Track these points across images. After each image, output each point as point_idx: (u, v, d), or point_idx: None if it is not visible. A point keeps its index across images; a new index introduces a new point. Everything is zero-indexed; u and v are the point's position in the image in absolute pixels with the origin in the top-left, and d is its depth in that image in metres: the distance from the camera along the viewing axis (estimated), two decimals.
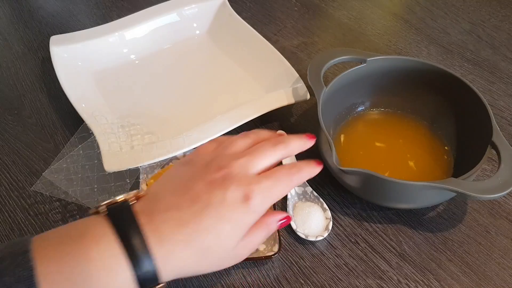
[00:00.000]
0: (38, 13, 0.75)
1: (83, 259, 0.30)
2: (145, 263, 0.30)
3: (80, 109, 0.54)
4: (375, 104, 0.57)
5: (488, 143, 0.45)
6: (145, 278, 0.31)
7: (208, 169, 0.35)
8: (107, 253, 0.30)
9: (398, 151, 0.53)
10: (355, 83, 0.53)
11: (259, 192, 0.34)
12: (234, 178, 0.34)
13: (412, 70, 0.53)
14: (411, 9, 0.77)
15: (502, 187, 0.41)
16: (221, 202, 0.33)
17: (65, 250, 0.30)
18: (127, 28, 0.65)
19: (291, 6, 0.77)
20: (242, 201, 0.33)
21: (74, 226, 0.32)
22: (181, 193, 0.34)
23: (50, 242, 0.31)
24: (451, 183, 0.41)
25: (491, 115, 0.46)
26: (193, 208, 0.33)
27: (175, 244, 0.32)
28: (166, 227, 0.32)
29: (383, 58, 0.53)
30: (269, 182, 0.34)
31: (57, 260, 0.29)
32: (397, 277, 0.44)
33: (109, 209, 0.32)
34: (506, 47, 0.70)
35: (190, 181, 0.34)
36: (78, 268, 0.29)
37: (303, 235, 0.46)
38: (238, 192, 0.33)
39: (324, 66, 0.51)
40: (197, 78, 0.64)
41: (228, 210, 0.33)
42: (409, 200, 0.46)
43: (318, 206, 0.48)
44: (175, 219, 0.32)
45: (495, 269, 0.45)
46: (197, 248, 0.32)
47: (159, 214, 0.32)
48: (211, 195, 0.33)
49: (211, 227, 0.32)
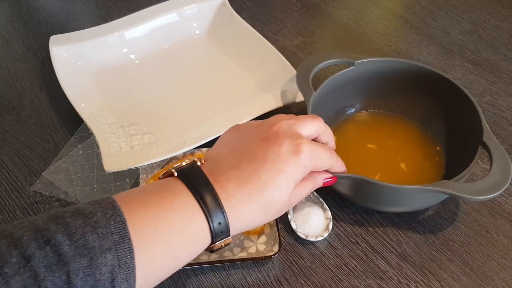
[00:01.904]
0: (38, 13, 0.75)
1: (168, 209, 0.33)
2: (218, 217, 0.34)
3: (79, 109, 0.54)
4: (366, 106, 0.56)
5: (479, 144, 0.45)
6: (218, 230, 0.34)
7: (259, 129, 0.38)
8: (188, 205, 0.33)
9: (389, 153, 0.53)
10: (344, 86, 0.53)
11: (307, 149, 0.37)
12: (286, 134, 0.37)
13: (401, 72, 0.53)
14: (411, 9, 0.77)
15: (495, 187, 0.41)
16: (276, 157, 0.36)
17: (150, 202, 0.33)
18: (127, 28, 0.65)
19: (291, 5, 0.77)
20: (294, 154, 0.36)
21: (153, 184, 0.35)
22: (238, 153, 0.37)
23: (133, 197, 0.33)
24: (444, 186, 0.41)
25: (481, 115, 0.46)
26: (252, 165, 0.36)
27: (240, 200, 0.35)
28: (231, 185, 0.35)
29: (371, 60, 0.52)
30: (316, 145, 0.38)
31: (145, 211, 0.32)
32: (397, 277, 0.44)
33: (180, 171, 0.35)
34: (507, 47, 0.70)
35: (244, 142, 0.38)
36: (165, 216, 0.32)
37: (303, 235, 0.46)
38: (290, 146, 0.36)
39: (313, 70, 0.51)
40: (197, 78, 0.63)
41: (284, 164, 0.36)
42: (402, 204, 0.46)
43: (318, 206, 0.48)
44: (237, 177, 0.35)
45: (496, 269, 0.45)
46: (260, 202, 0.35)
47: (222, 174, 0.35)
48: (267, 151, 0.36)
49: (270, 182, 0.35)
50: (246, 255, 0.44)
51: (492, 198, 0.41)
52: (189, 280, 0.44)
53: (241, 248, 0.45)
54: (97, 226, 0.29)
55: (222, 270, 0.45)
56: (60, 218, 0.30)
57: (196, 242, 0.34)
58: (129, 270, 0.30)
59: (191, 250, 0.34)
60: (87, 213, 0.30)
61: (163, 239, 0.32)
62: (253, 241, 0.46)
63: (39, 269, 0.27)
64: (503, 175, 0.42)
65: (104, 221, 0.30)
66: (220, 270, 0.45)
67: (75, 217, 0.30)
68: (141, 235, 0.31)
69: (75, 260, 0.28)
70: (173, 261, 0.33)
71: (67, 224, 0.29)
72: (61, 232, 0.29)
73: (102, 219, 0.30)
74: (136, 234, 0.30)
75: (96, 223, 0.29)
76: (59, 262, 0.28)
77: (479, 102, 0.61)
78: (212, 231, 0.34)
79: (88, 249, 0.28)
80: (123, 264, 0.29)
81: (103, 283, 0.29)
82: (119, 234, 0.30)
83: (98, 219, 0.30)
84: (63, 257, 0.28)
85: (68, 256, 0.28)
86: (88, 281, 0.28)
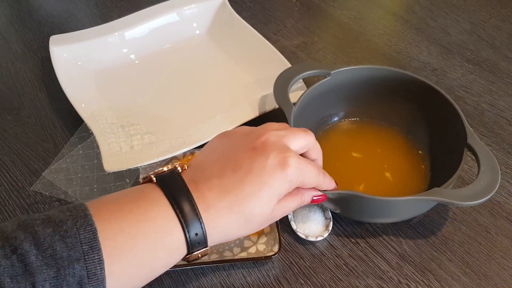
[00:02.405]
0: (38, 13, 0.75)
1: (143, 219, 0.32)
2: (195, 227, 0.33)
3: (79, 109, 0.54)
4: (349, 114, 0.56)
5: (464, 146, 0.45)
6: (194, 240, 0.33)
7: (247, 138, 0.37)
8: (164, 215, 0.32)
9: (374, 161, 0.52)
10: (324, 96, 0.52)
11: (294, 163, 0.36)
12: (274, 146, 0.36)
13: (381, 79, 0.52)
14: (412, 9, 0.77)
15: (486, 191, 0.41)
16: (262, 169, 0.35)
17: (123, 211, 0.32)
18: (127, 28, 0.65)
19: (291, 5, 0.77)
20: (280, 167, 0.35)
21: (129, 191, 0.34)
22: (223, 162, 0.36)
23: (107, 205, 0.32)
24: (436, 194, 0.40)
25: (462, 118, 0.46)
26: (235, 175, 0.34)
27: (220, 211, 0.34)
28: (211, 194, 0.34)
29: (347, 69, 0.52)
30: (303, 161, 0.37)
31: (117, 221, 0.31)
32: (398, 277, 0.44)
33: (159, 177, 0.34)
34: (507, 47, 0.70)
35: (231, 150, 0.37)
36: (138, 226, 0.31)
37: (303, 235, 0.46)
38: (277, 158, 0.35)
39: (289, 84, 0.50)
40: (197, 78, 0.63)
41: (268, 176, 0.35)
42: (394, 215, 0.45)
43: (317, 206, 0.48)
44: (219, 186, 0.34)
45: (496, 269, 0.45)
46: (241, 213, 0.34)
47: (204, 182, 0.34)
48: (252, 162, 0.35)
49: (252, 194, 0.34)
50: (246, 255, 0.44)
51: (486, 201, 0.41)
52: (189, 280, 0.44)
53: (241, 248, 0.45)
54: (67, 235, 0.28)
55: (222, 270, 0.45)
56: (29, 226, 0.29)
57: (171, 253, 0.33)
58: (99, 281, 0.29)
59: (166, 261, 0.33)
60: (57, 221, 0.29)
61: (136, 250, 0.31)
62: (253, 241, 0.46)
63: (3, 279, 0.26)
64: (492, 177, 0.41)
65: (74, 230, 0.29)
66: (220, 270, 0.45)
67: (44, 225, 0.29)
68: (112, 246, 0.30)
69: (42, 271, 0.27)
70: (147, 273, 0.32)
71: (36, 232, 0.28)
72: (29, 241, 0.28)
73: (72, 228, 0.29)
74: (107, 244, 0.29)
75: (66, 232, 0.29)
76: (24, 272, 0.27)
77: (479, 102, 0.61)
78: (188, 242, 0.33)
79: (55, 259, 0.28)
80: (92, 275, 0.28)
81: None
82: (88, 244, 0.29)
83: (68, 228, 0.29)
84: (29, 267, 0.27)
85: (35, 266, 0.27)
86: None
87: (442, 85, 0.64)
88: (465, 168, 0.53)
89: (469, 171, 0.53)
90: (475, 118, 0.59)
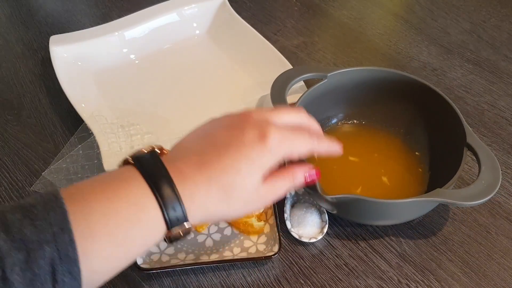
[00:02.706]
0: (38, 13, 0.75)
1: (114, 198, 0.31)
2: (172, 201, 0.32)
3: (79, 109, 0.54)
4: (347, 116, 0.56)
5: (464, 146, 0.45)
6: (173, 216, 0.32)
7: (229, 119, 0.37)
8: (137, 192, 0.31)
9: (372, 162, 0.52)
10: (320, 98, 0.52)
11: (276, 134, 0.34)
12: (253, 121, 0.35)
13: (378, 80, 0.52)
14: (412, 9, 0.77)
15: (488, 190, 0.41)
16: (240, 142, 0.34)
17: (95, 192, 0.31)
18: (127, 28, 0.65)
19: (291, 5, 0.77)
20: (259, 140, 0.34)
21: (104, 174, 0.34)
22: (202, 141, 0.35)
23: (79, 188, 0.32)
24: (438, 195, 0.40)
25: (461, 117, 0.46)
26: (214, 150, 0.34)
27: (198, 183, 0.33)
28: (189, 169, 0.33)
29: (344, 72, 0.52)
30: (288, 131, 0.35)
31: (89, 201, 0.30)
32: (398, 277, 0.44)
33: (136, 158, 0.34)
34: (507, 47, 0.70)
35: (211, 129, 0.36)
36: (110, 206, 0.31)
37: (297, 235, 0.46)
38: (255, 131, 0.34)
39: (286, 87, 0.50)
40: (196, 78, 0.63)
41: (246, 149, 0.34)
42: (394, 217, 0.45)
43: (315, 208, 0.48)
44: (196, 161, 0.34)
45: (496, 269, 0.45)
46: (219, 185, 0.33)
47: (181, 159, 0.34)
48: (231, 137, 0.34)
49: (230, 165, 0.33)
50: (246, 255, 0.44)
51: (487, 201, 0.41)
52: (189, 280, 0.44)
53: (241, 248, 0.45)
54: (36, 218, 0.28)
55: (222, 270, 0.45)
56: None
57: (148, 230, 0.32)
58: (72, 262, 0.28)
59: (143, 240, 0.32)
60: (27, 206, 0.29)
61: (109, 230, 0.30)
62: (253, 241, 0.46)
63: None
64: (493, 176, 0.42)
65: (44, 213, 0.28)
66: (220, 270, 0.45)
67: (14, 211, 0.29)
68: (84, 226, 0.29)
69: (11, 254, 0.27)
70: (124, 252, 0.31)
71: (5, 218, 0.28)
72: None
73: (42, 212, 0.28)
74: (79, 225, 0.29)
75: (36, 216, 0.28)
76: None
77: (479, 102, 0.61)
78: (166, 218, 0.32)
79: (25, 243, 0.27)
80: (64, 257, 0.28)
81: (43, 277, 0.27)
82: (59, 225, 0.28)
83: (38, 212, 0.28)
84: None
85: (3, 250, 0.27)
86: (26, 276, 0.27)
87: (442, 85, 0.64)
88: (465, 168, 0.53)
89: (469, 171, 0.53)
90: (475, 118, 0.59)
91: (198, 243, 0.46)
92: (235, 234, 0.47)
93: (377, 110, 0.55)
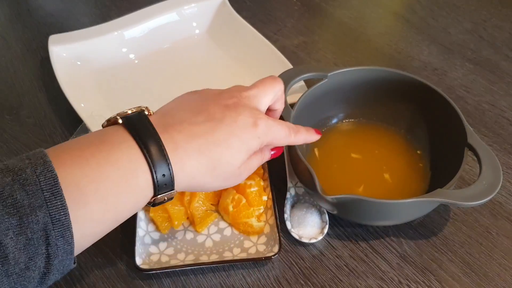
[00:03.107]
0: (37, 13, 0.75)
1: (105, 162, 0.31)
2: (162, 167, 0.32)
3: (79, 109, 0.54)
4: (348, 115, 0.55)
5: (465, 146, 0.44)
6: (162, 182, 0.33)
7: (220, 96, 0.38)
8: (128, 157, 0.32)
9: (373, 162, 0.52)
10: (321, 98, 0.52)
11: (264, 124, 0.38)
12: (245, 107, 0.38)
13: (379, 80, 0.52)
14: (412, 9, 0.77)
15: (489, 190, 0.40)
16: (233, 122, 0.36)
17: (85, 156, 0.31)
18: (126, 27, 0.65)
19: (291, 5, 0.77)
20: (251, 126, 0.37)
21: (92, 134, 0.34)
22: (195, 111, 0.36)
23: (67, 151, 0.32)
24: (439, 195, 0.40)
25: (462, 117, 0.46)
26: (207, 124, 0.35)
27: (189, 152, 0.34)
28: (180, 137, 0.34)
29: (344, 71, 0.51)
30: (273, 122, 0.39)
31: (79, 165, 0.30)
32: (398, 278, 0.44)
33: (125, 118, 0.34)
34: (508, 46, 0.69)
35: (203, 103, 0.37)
36: (101, 170, 0.31)
37: (297, 236, 0.45)
38: (249, 118, 0.37)
39: (286, 88, 0.50)
40: (196, 77, 0.63)
41: (239, 129, 0.36)
42: (395, 217, 0.45)
43: (315, 208, 0.48)
44: (189, 130, 0.34)
45: (496, 269, 0.45)
46: (209, 157, 0.35)
47: (174, 125, 0.34)
48: (225, 115, 0.36)
49: (223, 140, 0.35)
50: (246, 256, 0.44)
51: (488, 201, 0.41)
52: (189, 280, 0.44)
53: (241, 249, 0.45)
54: (26, 183, 0.28)
55: (222, 271, 0.44)
56: None
57: (137, 195, 0.33)
58: (64, 226, 0.29)
59: (132, 204, 0.33)
60: (16, 169, 0.29)
61: (100, 194, 0.31)
62: (253, 242, 0.46)
63: None
64: (494, 176, 0.41)
65: (34, 178, 0.28)
66: (220, 271, 0.44)
67: (3, 174, 0.29)
68: (75, 191, 0.30)
69: (3, 220, 0.27)
70: (114, 215, 0.32)
71: None
72: None
73: (32, 176, 0.28)
74: (69, 190, 0.29)
75: (26, 180, 0.28)
76: None
77: (480, 102, 0.61)
78: (155, 183, 0.32)
79: (17, 208, 0.27)
80: (56, 221, 0.28)
81: (37, 241, 0.28)
82: (50, 191, 0.28)
83: (28, 176, 0.28)
84: None
85: None
86: (20, 240, 0.27)
87: (442, 85, 0.63)
88: (466, 168, 0.53)
89: (469, 171, 0.53)
90: (476, 118, 0.59)
91: (198, 244, 0.46)
92: (235, 235, 0.46)
93: (378, 110, 0.54)
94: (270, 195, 0.48)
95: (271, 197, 0.47)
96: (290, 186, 0.49)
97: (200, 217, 0.47)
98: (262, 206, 0.47)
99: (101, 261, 0.45)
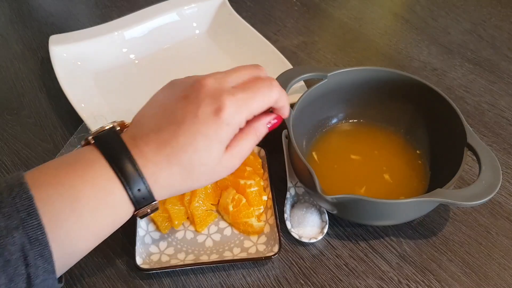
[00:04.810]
0: (37, 13, 0.75)
1: (80, 182, 0.31)
2: (136, 183, 0.32)
3: (79, 109, 0.54)
4: (348, 116, 0.55)
5: (464, 146, 0.44)
6: (139, 196, 0.33)
7: (185, 87, 0.36)
8: (101, 176, 0.32)
9: (373, 161, 0.52)
10: (321, 98, 0.52)
11: (231, 104, 0.34)
12: (207, 92, 0.34)
13: (378, 80, 0.52)
14: (412, 9, 0.77)
15: (488, 190, 0.40)
16: (194, 117, 0.33)
17: (60, 176, 0.31)
18: (127, 27, 0.65)
19: (291, 5, 0.77)
20: (214, 114, 0.33)
21: (66, 156, 0.34)
22: (160, 115, 0.35)
23: (43, 172, 0.32)
24: (439, 195, 0.40)
25: (461, 117, 0.46)
26: (170, 128, 0.34)
27: (159, 165, 0.33)
28: (148, 149, 0.33)
29: (343, 72, 0.51)
30: (244, 94, 0.35)
31: (54, 186, 0.31)
32: (398, 277, 0.44)
33: (97, 138, 0.34)
34: (507, 46, 0.70)
35: (168, 102, 0.35)
36: (76, 189, 0.31)
37: (297, 236, 0.45)
38: (209, 106, 0.34)
39: (286, 88, 0.50)
40: None
41: (201, 125, 0.33)
42: (395, 217, 0.45)
43: (315, 208, 0.48)
44: (156, 140, 0.33)
45: (496, 269, 0.45)
46: (180, 165, 0.33)
47: (142, 137, 0.34)
48: (185, 112, 0.34)
49: (188, 144, 0.33)
50: (246, 255, 0.44)
51: (488, 201, 0.41)
52: (189, 280, 0.44)
53: (241, 249, 0.45)
54: (2, 205, 0.29)
55: (222, 270, 0.44)
56: None
57: (116, 212, 0.33)
58: (42, 245, 0.29)
59: (111, 220, 0.33)
60: None
61: (78, 213, 0.31)
62: (253, 241, 0.46)
63: None
64: (493, 176, 0.41)
65: (9, 200, 0.29)
66: (220, 270, 0.44)
67: None
68: (51, 211, 0.30)
69: None
70: (93, 232, 0.32)
71: None
72: None
73: (7, 198, 0.29)
74: (46, 210, 0.29)
75: (1, 203, 0.29)
76: None
77: (479, 102, 0.61)
78: (132, 198, 0.33)
79: None
80: (34, 241, 0.29)
81: (15, 262, 0.28)
82: (26, 211, 0.29)
83: (3, 198, 0.29)
84: None
85: None
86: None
87: (442, 85, 0.64)
88: (465, 168, 0.53)
89: (469, 171, 0.53)
90: (476, 118, 0.59)
91: (198, 243, 0.46)
92: (235, 234, 0.47)
93: (378, 110, 0.54)
94: (270, 195, 0.48)
95: (271, 197, 0.48)
96: (290, 186, 0.49)
97: (200, 217, 0.47)
98: (262, 206, 0.47)
99: (101, 261, 0.45)
